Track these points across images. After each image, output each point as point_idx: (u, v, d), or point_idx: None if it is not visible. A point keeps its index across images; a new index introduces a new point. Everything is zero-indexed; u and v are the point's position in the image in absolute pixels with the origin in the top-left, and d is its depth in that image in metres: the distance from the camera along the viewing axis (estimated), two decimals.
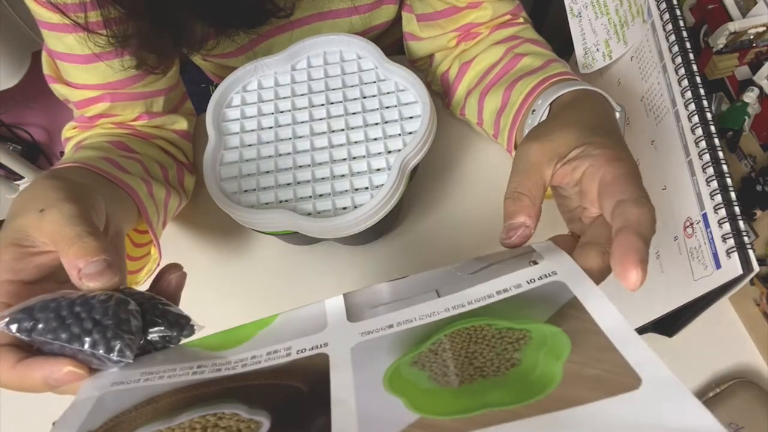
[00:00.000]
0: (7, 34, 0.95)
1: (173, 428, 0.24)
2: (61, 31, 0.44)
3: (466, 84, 0.53)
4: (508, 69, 0.49)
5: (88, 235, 0.29)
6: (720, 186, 0.36)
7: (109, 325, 0.26)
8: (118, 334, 0.26)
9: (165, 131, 0.55)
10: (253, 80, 0.51)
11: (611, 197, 0.29)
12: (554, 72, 0.44)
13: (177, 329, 0.28)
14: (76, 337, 0.26)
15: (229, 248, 0.58)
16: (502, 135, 0.48)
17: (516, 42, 0.51)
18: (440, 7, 0.52)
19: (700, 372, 0.48)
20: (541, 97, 0.42)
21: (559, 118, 0.37)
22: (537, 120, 0.41)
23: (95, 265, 0.28)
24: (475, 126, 0.55)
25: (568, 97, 0.40)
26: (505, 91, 0.48)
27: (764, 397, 0.44)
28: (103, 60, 0.45)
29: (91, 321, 0.26)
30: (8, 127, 1.14)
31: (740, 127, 0.47)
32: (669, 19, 0.41)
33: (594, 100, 0.39)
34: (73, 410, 0.27)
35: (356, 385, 0.25)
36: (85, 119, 0.51)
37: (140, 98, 0.51)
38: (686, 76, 0.39)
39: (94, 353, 0.26)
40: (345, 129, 0.48)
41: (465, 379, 0.24)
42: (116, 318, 0.26)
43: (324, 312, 0.31)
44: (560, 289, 0.27)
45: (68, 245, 0.28)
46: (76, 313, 0.27)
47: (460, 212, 0.56)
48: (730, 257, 0.34)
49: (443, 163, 0.59)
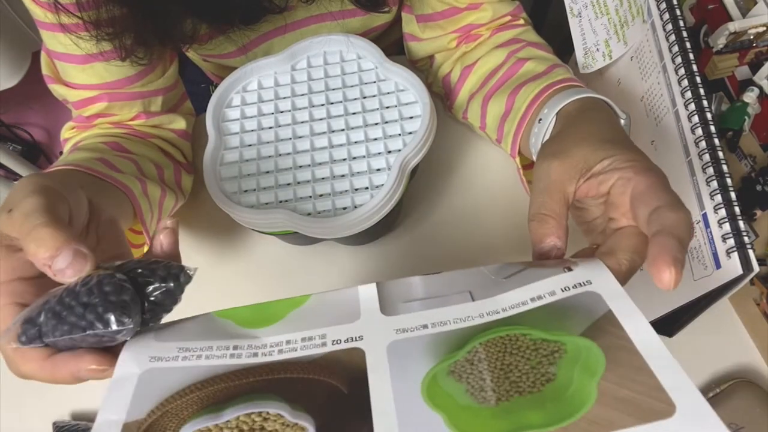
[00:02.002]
0: (7, 34, 0.95)
1: (221, 427, 0.25)
2: (58, 30, 0.44)
3: (468, 88, 0.53)
4: (511, 74, 0.49)
5: (42, 227, 0.27)
6: (720, 186, 0.36)
7: (96, 302, 0.26)
8: (108, 306, 0.26)
9: (163, 130, 0.55)
10: (253, 80, 0.51)
11: (646, 205, 0.29)
12: (558, 78, 0.44)
13: (172, 280, 0.28)
14: (75, 325, 0.27)
15: (229, 248, 0.58)
16: (506, 140, 0.48)
17: (518, 45, 0.51)
18: (440, 7, 0.52)
19: (700, 372, 0.48)
20: (546, 105, 0.42)
21: (571, 133, 0.37)
22: (544, 129, 0.41)
23: (62, 258, 0.27)
24: (478, 130, 0.55)
25: (574, 107, 0.40)
26: (508, 97, 0.48)
27: (764, 397, 0.44)
28: (96, 60, 0.45)
29: (81, 306, 0.26)
30: (8, 127, 1.14)
31: (740, 127, 0.47)
32: (669, 19, 0.41)
33: (600, 110, 0.38)
34: (116, 390, 0.26)
35: (395, 395, 0.25)
36: (83, 119, 0.51)
37: (138, 98, 0.51)
38: (686, 76, 0.39)
39: (96, 333, 0.27)
40: (345, 129, 0.48)
41: (502, 395, 0.25)
42: (102, 294, 0.27)
43: (357, 299, 0.31)
44: (595, 301, 0.27)
45: (26, 242, 0.28)
46: (67, 304, 0.27)
47: (460, 212, 0.56)
48: (730, 257, 0.34)
49: (443, 163, 0.59)
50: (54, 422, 0.50)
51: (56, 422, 0.50)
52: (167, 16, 0.44)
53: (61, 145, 0.54)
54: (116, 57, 0.45)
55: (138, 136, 0.52)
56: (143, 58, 0.46)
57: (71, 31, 0.43)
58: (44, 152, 1.16)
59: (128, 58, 0.45)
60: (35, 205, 0.29)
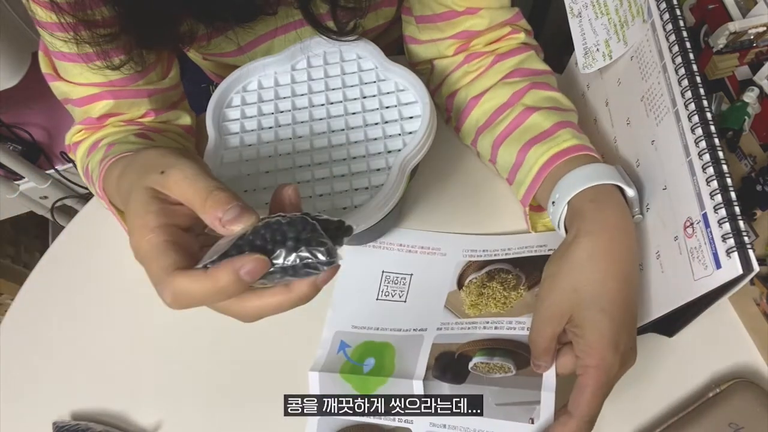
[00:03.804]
0: (7, 34, 0.95)
1: None
2: (58, 30, 0.44)
3: (475, 119, 0.54)
4: (518, 124, 0.50)
5: (216, 188, 0.30)
6: (720, 186, 0.36)
7: (309, 237, 0.29)
8: (321, 240, 0.29)
9: (172, 126, 0.55)
10: (253, 80, 0.51)
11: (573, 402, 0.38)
12: (564, 147, 0.46)
13: (335, 234, 0.30)
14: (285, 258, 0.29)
15: None
16: (518, 190, 0.50)
17: (523, 86, 0.51)
18: (439, 9, 0.52)
19: (700, 372, 0.48)
20: (557, 189, 0.44)
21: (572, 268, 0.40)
22: (557, 217, 0.44)
23: (232, 210, 0.29)
24: (486, 162, 0.56)
25: (586, 198, 0.42)
26: (519, 153, 0.49)
27: (764, 397, 0.44)
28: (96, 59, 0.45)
29: (292, 240, 0.29)
30: (8, 127, 1.14)
31: (740, 127, 0.47)
32: (669, 19, 0.41)
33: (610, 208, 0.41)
34: None
35: None
36: (92, 120, 0.51)
37: (145, 95, 0.51)
38: (686, 76, 0.39)
39: (307, 264, 0.29)
40: (345, 129, 0.48)
41: None
42: (309, 230, 0.29)
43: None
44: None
45: (203, 200, 0.30)
46: (272, 239, 0.29)
47: (460, 212, 0.56)
48: (730, 257, 0.34)
49: (443, 163, 0.59)
50: (54, 422, 0.50)
51: (56, 422, 0.50)
52: (162, 17, 0.44)
53: (67, 149, 0.54)
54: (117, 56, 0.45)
55: (154, 131, 0.52)
56: (138, 64, 0.46)
57: (71, 31, 0.43)
58: (44, 152, 1.16)
59: (127, 63, 0.45)
60: (196, 168, 0.31)
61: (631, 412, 0.46)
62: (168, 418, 0.50)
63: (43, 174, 1.11)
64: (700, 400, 0.45)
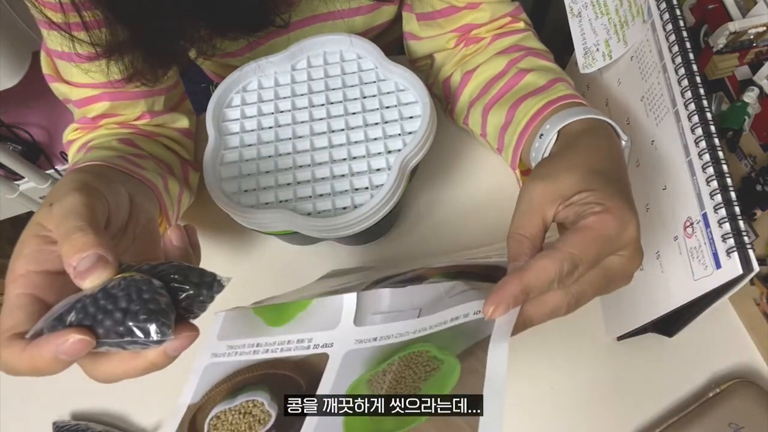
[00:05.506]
0: (7, 34, 0.95)
1: (232, 410, 0.32)
2: (58, 30, 0.44)
3: (468, 93, 0.53)
4: (512, 85, 0.49)
5: (77, 230, 0.28)
6: (720, 186, 0.36)
7: (137, 310, 0.26)
8: (150, 316, 0.26)
9: (167, 129, 0.55)
10: (253, 80, 0.51)
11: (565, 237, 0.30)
12: (560, 94, 0.44)
13: (205, 288, 0.28)
14: (111, 330, 0.26)
15: (229, 248, 0.58)
16: (506, 151, 0.48)
17: (518, 54, 0.50)
18: (439, 6, 0.52)
19: (700, 372, 0.48)
20: (549, 121, 0.41)
21: (565, 157, 0.37)
22: (545, 145, 0.41)
23: (85, 261, 0.27)
24: (479, 137, 0.54)
25: (577, 127, 0.39)
26: (509, 110, 0.47)
27: (764, 397, 0.44)
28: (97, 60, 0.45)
29: (120, 311, 0.26)
30: (8, 127, 1.14)
31: (740, 127, 0.47)
32: (669, 19, 0.41)
33: (601, 135, 0.38)
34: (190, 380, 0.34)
35: None
36: (87, 120, 0.51)
37: (141, 97, 0.51)
38: (686, 76, 0.39)
39: (135, 341, 0.26)
40: (345, 129, 0.48)
41: None
42: (141, 301, 0.26)
43: (341, 308, 0.35)
44: (487, 326, 0.28)
45: (61, 243, 0.28)
46: (103, 307, 0.26)
47: (460, 212, 0.56)
48: (730, 257, 0.34)
49: (443, 163, 0.59)
50: (54, 422, 0.50)
51: (56, 422, 0.50)
52: (172, 35, 0.44)
53: (64, 147, 0.54)
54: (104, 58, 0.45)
55: (145, 135, 0.52)
56: (150, 80, 0.46)
57: (72, 32, 0.43)
58: (44, 152, 1.16)
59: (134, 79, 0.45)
60: (75, 204, 0.30)
61: (631, 412, 0.46)
62: (168, 418, 0.50)
63: (43, 174, 1.11)
64: (700, 400, 0.45)
